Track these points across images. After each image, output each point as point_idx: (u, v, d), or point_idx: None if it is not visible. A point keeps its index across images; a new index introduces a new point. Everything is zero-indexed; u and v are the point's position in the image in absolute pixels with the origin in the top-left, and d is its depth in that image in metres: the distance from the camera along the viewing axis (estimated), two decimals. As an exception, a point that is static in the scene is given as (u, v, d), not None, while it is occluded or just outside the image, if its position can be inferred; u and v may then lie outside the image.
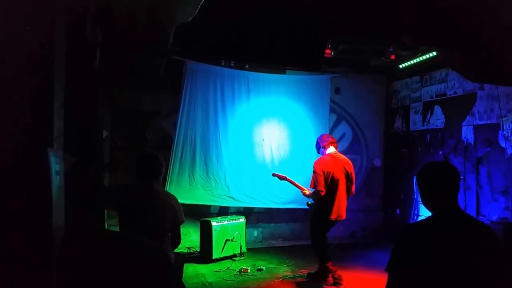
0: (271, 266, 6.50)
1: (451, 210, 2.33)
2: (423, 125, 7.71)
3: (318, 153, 5.79)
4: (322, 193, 5.38)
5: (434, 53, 6.82)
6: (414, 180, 7.51)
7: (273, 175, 6.07)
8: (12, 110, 1.78)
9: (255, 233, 8.03)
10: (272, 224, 8.18)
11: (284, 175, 5.92)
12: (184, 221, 3.86)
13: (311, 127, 7.87)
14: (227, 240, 6.74)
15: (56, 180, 1.95)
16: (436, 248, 2.21)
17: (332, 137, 5.90)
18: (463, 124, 6.69)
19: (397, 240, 2.34)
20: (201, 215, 7.17)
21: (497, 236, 2.34)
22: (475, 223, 2.44)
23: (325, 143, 5.68)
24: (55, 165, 1.93)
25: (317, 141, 5.81)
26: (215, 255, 6.60)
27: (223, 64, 7.55)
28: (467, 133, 6.62)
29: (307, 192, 5.65)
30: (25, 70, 1.82)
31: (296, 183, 5.83)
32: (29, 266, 1.85)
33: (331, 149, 5.66)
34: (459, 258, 2.19)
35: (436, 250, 2.21)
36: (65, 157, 2.12)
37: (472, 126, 6.52)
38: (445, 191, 2.34)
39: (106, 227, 6.11)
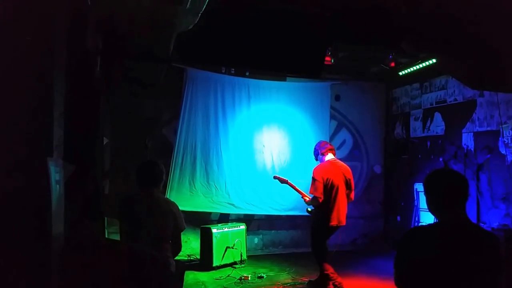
0: (271, 273, 6.48)
1: (458, 218, 2.32)
2: (423, 132, 7.71)
3: (316, 160, 5.79)
4: (320, 200, 5.39)
5: (434, 60, 6.83)
6: (415, 187, 7.51)
7: (275, 177, 6.07)
8: (11, 120, 1.79)
9: (256, 240, 8.01)
10: (272, 231, 8.16)
11: (286, 179, 5.91)
12: (185, 228, 3.86)
13: (311, 134, 7.89)
14: (227, 247, 6.72)
15: (56, 189, 1.96)
16: (439, 254, 2.23)
17: (330, 144, 5.92)
18: (463, 131, 6.69)
19: (401, 243, 2.36)
20: (202, 222, 7.16)
21: (500, 245, 2.34)
22: (480, 231, 2.44)
23: (323, 150, 5.69)
24: (55, 174, 1.94)
25: (315, 148, 5.81)
26: (215, 263, 6.58)
27: (223, 71, 7.57)
28: (467, 140, 6.62)
29: (307, 199, 5.66)
30: (24, 79, 1.83)
31: (297, 188, 5.83)
32: (28, 275, 1.84)
33: (329, 156, 5.67)
34: (462, 265, 2.21)
35: (439, 257, 2.22)
36: (65, 166, 2.13)
37: (472, 133, 6.52)
38: (452, 200, 2.32)
39: (106, 235, 6.11)
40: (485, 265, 2.23)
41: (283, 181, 5.92)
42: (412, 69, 7.55)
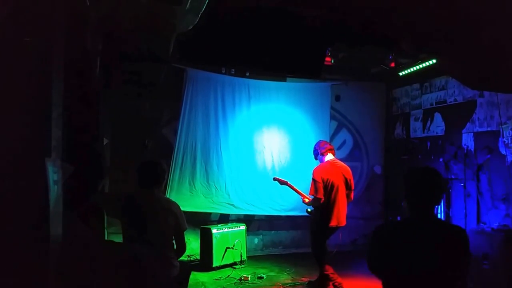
0: (271, 274, 6.48)
1: (426, 215, 2.45)
2: (423, 132, 7.71)
3: (316, 159, 5.78)
4: (321, 201, 5.39)
5: (434, 61, 6.83)
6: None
7: (274, 179, 6.07)
8: (9, 121, 1.78)
9: (256, 240, 8.01)
10: (272, 232, 8.16)
11: (285, 180, 5.92)
12: (186, 228, 3.82)
13: (311, 134, 7.88)
14: (227, 247, 6.72)
15: (54, 189, 1.95)
16: (409, 248, 2.37)
17: (330, 144, 5.90)
18: (463, 131, 6.69)
19: (373, 238, 2.48)
20: (202, 222, 7.15)
21: (467, 238, 2.46)
22: (446, 226, 2.65)
23: (323, 150, 5.68)
24: (53, 174, 1.93)
25: (315, 148, 5.80)
26: (215, 263, 6.58)
27: (223, 71, 7.57)
28: (467, 140, 6.62)
29: (307, 200, 5.65)
30: (22, 80, 1.83)
31: (297, 189, 5.83)
32: (26, 275, 1.84)
33: (329, 156, 5.66)
34: (431, 258, 2.33)
35: (409, 250, 2.36)
36: (63, 166, 2.13)
37: (472, 133, 6.52)
38: (423, 198, 2.46)
39: (106, 235, 6.11)
40: (452, 257, 2.36)
41: (282, 182, 5.93)
42: (412, 69, 7.54)
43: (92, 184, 3.86)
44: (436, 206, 2.60)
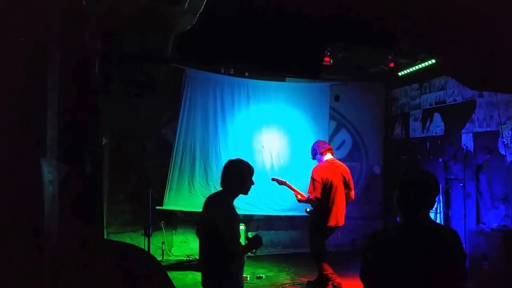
0: (270, 274, 6.48)
1: (420, 220, 2.41)
2: (422, 133, 7.71)
3: (314, 159, 5.77)
4: (319, 199, 5.39)
5: (433, 61, 6.82)
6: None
7: (273, 179, 6.07)
8: (3, 119, 1.78)
9: (255, 240, 7.99)
10: (272, 232, 8.15)
11: (284, 180, 5.91)
12: (229, 237, 3.42)
13: (311, 134, 7.87)
14: (226, 247, 6.71)
15: (49, 190, 1.94)
16: (404, 254, 2.32)
17: (329, 144, 5.91)
18: (462, 131, 6.68)
19: (367, 247, 2.45)
20: (201, 222, 7.13)
21: (460, 239, 2.45)
22: (440, 228, 2.62)
23: (322, 150, 5.68)
24: (48, 174, 1.93)
25: (313, 147, 5.79)
26: (214, 263, 6.56)
27: (222, 71, 7.57)
28: (466, 140, 6.61)
29: (299, 197, 5.63)
30: (17, 78, 1.82)
31: (295, 188, 5.82)
32: (20, 276, 1.83)
33: (328, 156, 5.66)
34: (426, 263, 2.29)
35: (404, 256, 2.32)
36: (59, 166, 2.12)
37: (471, 134, 6.51)
38: (417, 202, 2.41)
39: (105, 235, 6.10)
40: (449, 259, 2.34)
41: (281, 182, 5.91)
42: (411, 69, 7.53)
43: (88, 184, 3.84)
44: (433, 208, 2.56)
